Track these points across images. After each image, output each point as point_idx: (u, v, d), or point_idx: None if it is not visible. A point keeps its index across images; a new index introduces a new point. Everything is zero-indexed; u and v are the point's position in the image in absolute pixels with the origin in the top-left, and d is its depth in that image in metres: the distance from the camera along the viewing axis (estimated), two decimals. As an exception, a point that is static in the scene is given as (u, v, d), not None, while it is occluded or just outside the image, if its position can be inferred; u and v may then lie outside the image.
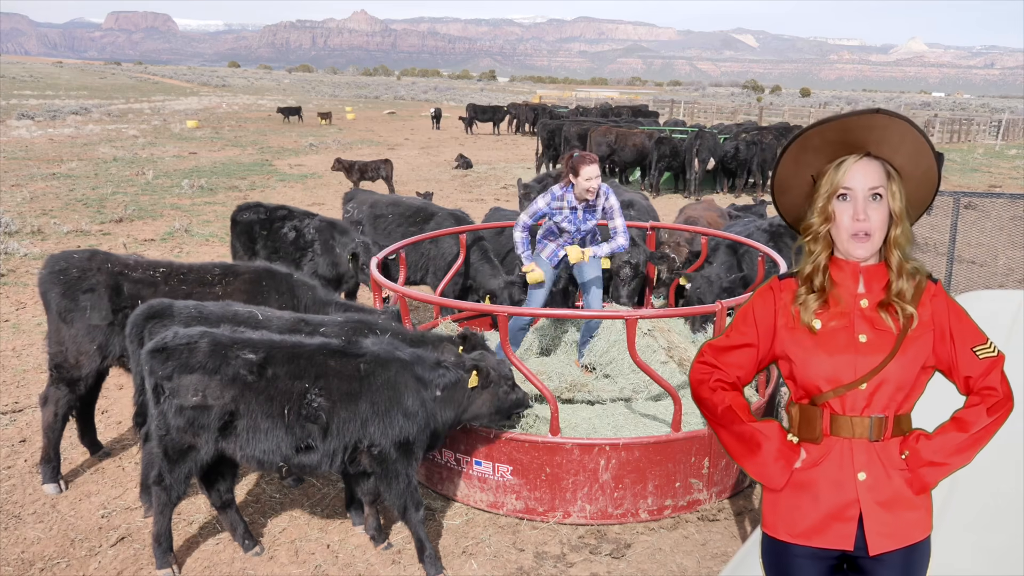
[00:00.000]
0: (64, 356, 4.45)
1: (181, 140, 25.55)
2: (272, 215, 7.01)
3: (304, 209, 7.32)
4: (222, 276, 4.67)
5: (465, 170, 20.43)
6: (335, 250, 6.82)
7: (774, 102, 65.34)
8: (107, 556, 3.97)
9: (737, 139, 18.54)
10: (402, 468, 3.76)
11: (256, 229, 6.99)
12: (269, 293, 4.62)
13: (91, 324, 4.39)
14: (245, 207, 7.14)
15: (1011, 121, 40.80)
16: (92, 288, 4.40)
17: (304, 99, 55.99)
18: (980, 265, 9.62)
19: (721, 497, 4.61)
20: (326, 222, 7.02)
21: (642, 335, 5.37)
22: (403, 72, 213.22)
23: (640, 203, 8.39)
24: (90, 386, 4.59)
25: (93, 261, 4.50)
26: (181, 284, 4.54)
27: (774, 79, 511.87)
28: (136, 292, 4.48)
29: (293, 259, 6.88)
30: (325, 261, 6.83)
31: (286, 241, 6.93)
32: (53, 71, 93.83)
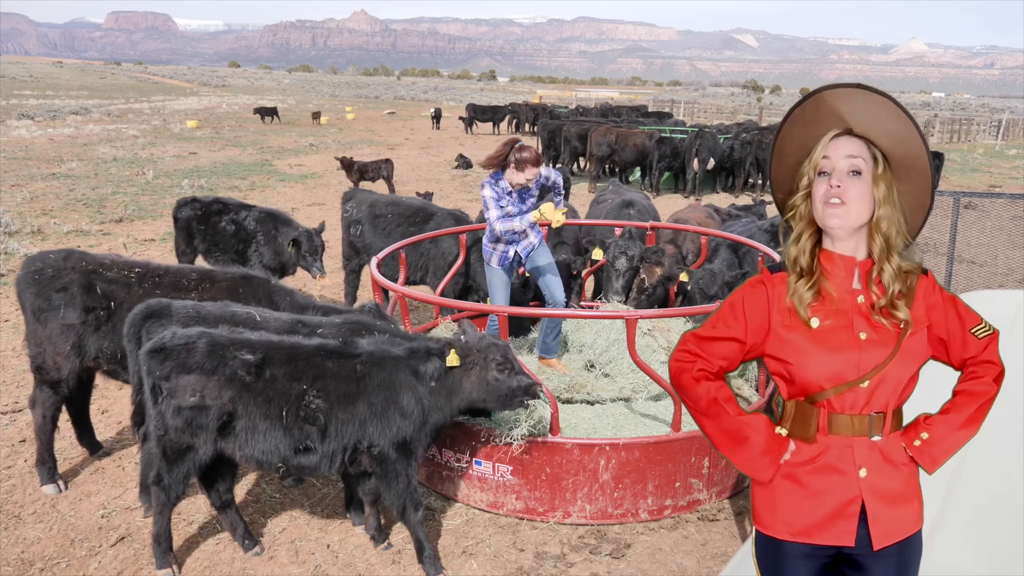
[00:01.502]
0: (43, 357, 4.42)
1: (181, 140, 25.55)
2: (208, 209, 7.19)
3: (240, 201, 7.54)
4: (199, 281, 4.64)
5: (465, 170, 20.42)
6: (278, 240, 7.02)
7: (774, 102, 65.30)
8: (107, 556, 3.97)
9: (736, 139, 18.55)
10: (401, 468, 3.75)
11: (194, 224, 7.17)
12: (247, 300, 4.57)
13: (64, 323, 4.36)
14: (183, 202, 7.31)
15: (1011, 121, 40.79)
16: (65, 287, 4.37)
17: (304, 99, 55.99)
18: (980, 265, 9.61)
19: (721, 497, 4.61)
20: (266, 212, 7.21)
21: (642, 335, 5.37)
22: (403, 72, 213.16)
23: (641, 202, 8.39)
24: (73, 387, 4.53)
25: (68, 260, 4.47)
26: (156, 287, 4.51)
27: (774, 79, 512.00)
28: (109, 292, 4.44)
29: (236, 251, 7.07)
30: (269, 251, 7.03)
31: (226, 234, 7.10)
32: (53, 71, 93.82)
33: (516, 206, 5.32)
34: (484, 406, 3.95)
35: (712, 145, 17.10)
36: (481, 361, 3.84)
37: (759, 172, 18.52)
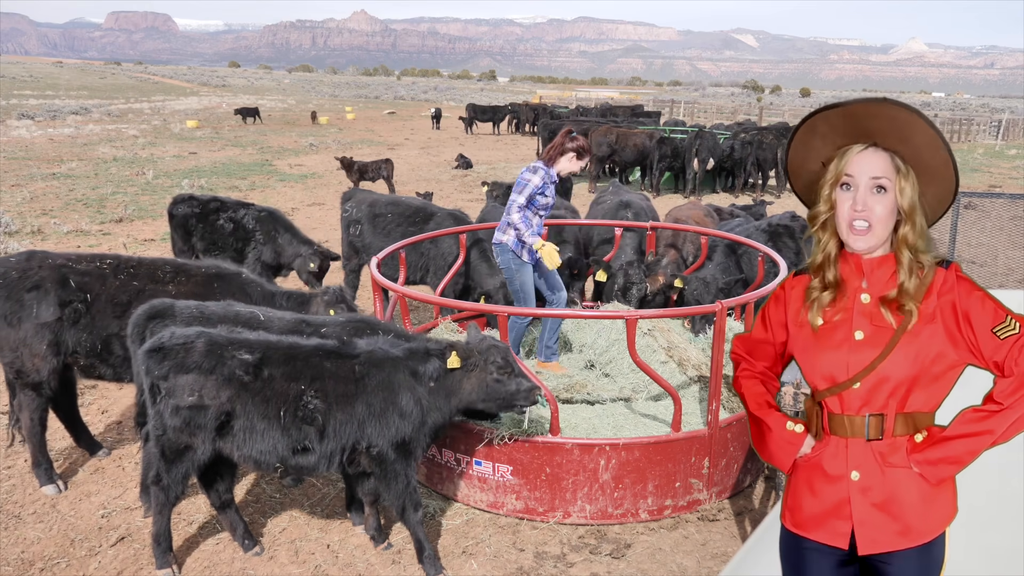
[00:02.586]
0: (21, 361, 4.36)
1: (181, 140, 25.55)
2: (206, 207, 7.19)
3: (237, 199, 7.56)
4: (175, 274, 4.62)
5: (465, 170, 20.42)
6: (277, 239, 7.06)
7: (774, 102, 65.35)
8: (107, 556, 3.97)
9: (735, 139, 18.55)
10: (400, 468, 3.75)
11: (192, 222, 7.17)
12: (222, 293, 4.58)
13: (39, 323, 4.29)
14: (179, 199, 7.31)
15: (1011, 121, 40.79)
16: (36, 285, 4.32)
17: (304, 99, 55.98)
18: (980, 265, 9.60)
19: (721, 497, 4.61)
20: (266, 211, 7.22)
21: (642, 335, 5.37)
22: (403, 72, 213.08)
23: (637, 203, 8.25)
24: (55, 387, 4.47)
25: (32, 260, 4.42)
26: (132, 279, 4.49)
27: (774, 79, 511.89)
28: (84, 284, 4.39)
29: (235, 249, 7.07)
30: (269, 250, 7.07)
31: (224, 232, 7.10)
32: (53, 71, 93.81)
33: (554, 197, 5.40)
34: (483, 408, 3.94)
35: (712, 145, 17.10)
36: (481, 363, 3.83)
37: (759, 172, 18.52)
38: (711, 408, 4.40)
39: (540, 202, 5.31)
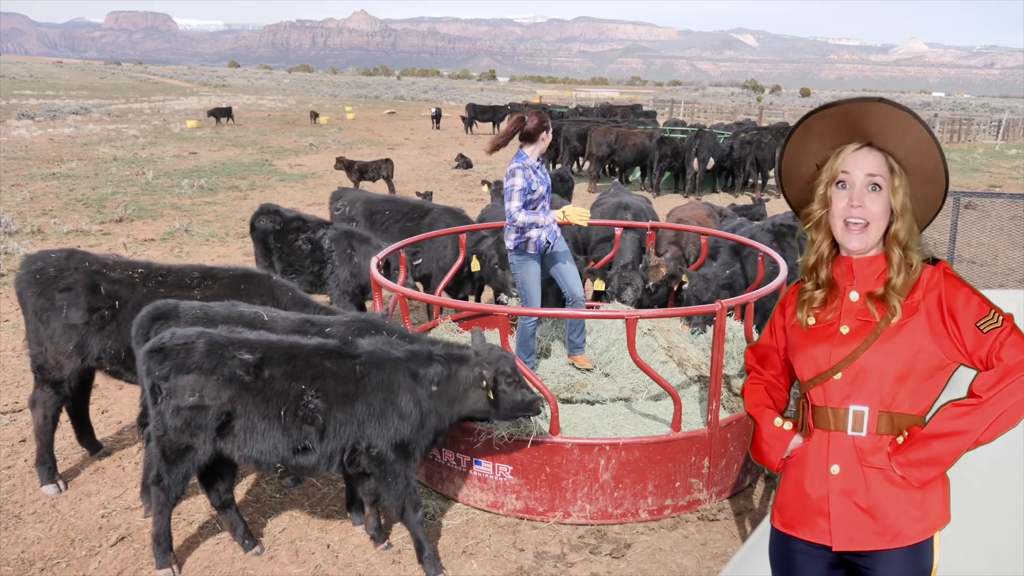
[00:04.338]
0: (44, 357, 4.41)
1: (181, 140, 25.55)
2: (287, 225, 6.74)
3: (317, 218, 7.08)
4: (201, 279, 4.62)
5: (465, 170, 20.43)
6: (354, 259, 6.56)
7: (774, 102, 65.32)
8: (107, 556, 3.97)
9: (735, 139, 18.56)
10: (400, 469, 3.75)
11: (271, 240, 6.75)
12: (249, 296, 4.56)
13: (67, 323, 4.34)
14: (263, 211, 6.87)
15: (1011, 121, 40.79)
16: (69, 287, 4.35)
17: (304, 99, 55.96)
18: (980, 265, 9.61)
19: (721, 497, 4.61)
20: (342, 231, 6.74)
21: (642, 335, 5.37)
22: (403, 72, 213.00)
23: (636, 205, 8.12)
24: (75, 387, 4.53)
25: (71, 260, 4.45)
26: (160, 286, 4.49)
27: (774, 79, 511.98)
28: (114, 292, 4.42)
29: (312, 272, 6.66)
30: (346, 272, 6.57)
31: (301, 254, 6.67)
32: (53, 71, 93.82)
33: (543, 182, 5.17)
34: (485, 416, 3.97)
35: (712, 145, 17.10)
36: (488, 376, 3.84)
37: (759, 172, 18.52)
38: (711, 408, 4.40)
39: (535, 195, 5.15)
